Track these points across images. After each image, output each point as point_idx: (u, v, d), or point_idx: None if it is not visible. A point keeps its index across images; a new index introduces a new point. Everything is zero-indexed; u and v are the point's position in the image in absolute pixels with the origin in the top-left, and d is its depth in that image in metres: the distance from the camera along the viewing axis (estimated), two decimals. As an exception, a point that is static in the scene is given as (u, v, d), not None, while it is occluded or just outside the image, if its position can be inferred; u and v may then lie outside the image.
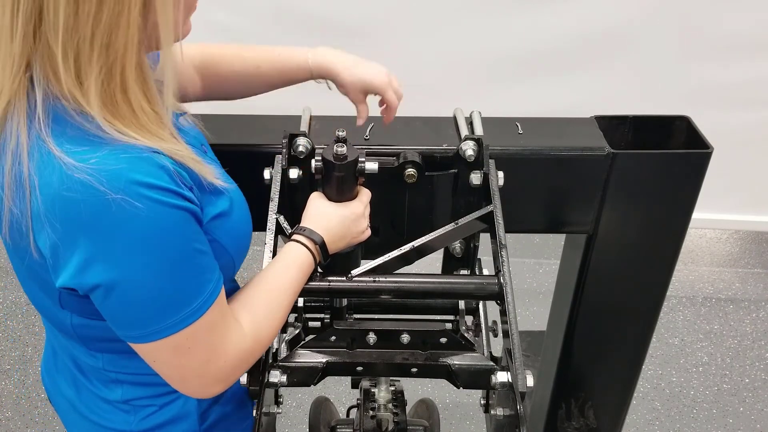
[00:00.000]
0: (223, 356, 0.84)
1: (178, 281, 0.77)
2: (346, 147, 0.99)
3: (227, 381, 0.87)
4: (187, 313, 0.78)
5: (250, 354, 0.87)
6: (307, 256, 0.95)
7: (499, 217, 1.08)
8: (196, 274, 0.79)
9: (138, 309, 0.77)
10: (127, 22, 0.71)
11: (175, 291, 0.77)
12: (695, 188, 1.29)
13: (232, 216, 0.90)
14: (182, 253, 0.77)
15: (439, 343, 1.04)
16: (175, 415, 0.99)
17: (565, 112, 1.37)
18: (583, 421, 1.63)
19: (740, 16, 2.17)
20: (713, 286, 2.77)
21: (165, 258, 0.75)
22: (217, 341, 0.82)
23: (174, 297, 0.77)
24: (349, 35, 2.27)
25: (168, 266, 0.76)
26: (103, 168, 0.71)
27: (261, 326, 0.89)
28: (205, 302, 0.79)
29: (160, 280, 0.76)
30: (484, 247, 1.17)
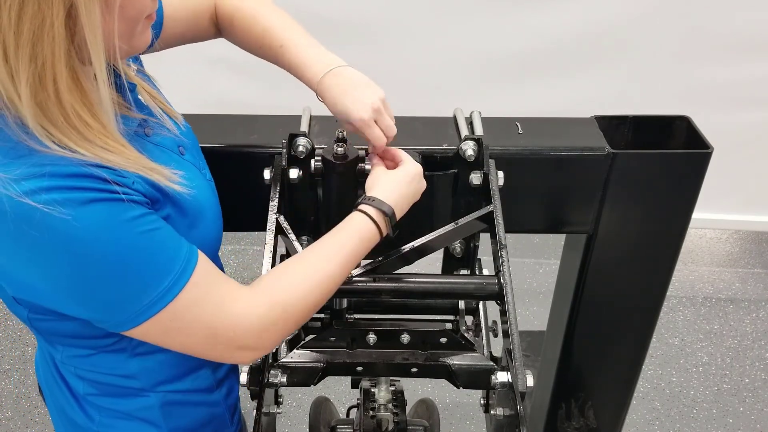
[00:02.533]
0: (231, 326, 0.81)
1: (138, 263, 0.75)
2: (346, 147, 0.99)
3: (257, 347, 0.84)
4: (162, 290, 0.76)
5: (270, 321, 0.83)
6: (370, 228, 0.92)
7: (499, 217, 1.08)
8: (152, 256, 0.76)
9: (105, 298, 0.75)
10: (51, 34, 0.69)
11: (140, 272, 0.75)
12: (695, 188, 1.29)
13: (194, 218, 0.88)
14: (121, 243, 0.74)
15: (439, 343, 1.04)
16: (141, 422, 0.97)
17: (565, 112, 1.37)
18: (583, 421, 1.63)
19: (740, 16, 2.17)
20: (713, 286, 2.77)
21: (99, 256, 0.73)
22: (210, 317, 0.80)
23: (140, 278, 0.75)
24: (349, 35, 2.27)
25: (108, 262, 0.73)
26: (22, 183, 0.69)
27: (287, 292, 0.85)
28: (176, 281, 0.77)
29: (117, 269, 0.74)
30: (484, 247, 1.17)
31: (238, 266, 2.83)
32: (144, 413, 0.97)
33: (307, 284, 0.86)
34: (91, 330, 0.84)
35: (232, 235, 2.96)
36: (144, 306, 0.76)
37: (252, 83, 2.35)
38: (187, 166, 0.93)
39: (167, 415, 0.98)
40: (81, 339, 0.89)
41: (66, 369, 0.96)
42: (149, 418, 0.97)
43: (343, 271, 0.89)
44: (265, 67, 1.15)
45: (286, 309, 0.84)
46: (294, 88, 1.17)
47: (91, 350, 0.91)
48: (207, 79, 2.33)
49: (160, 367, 0.95)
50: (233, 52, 1.22)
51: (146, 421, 0.97)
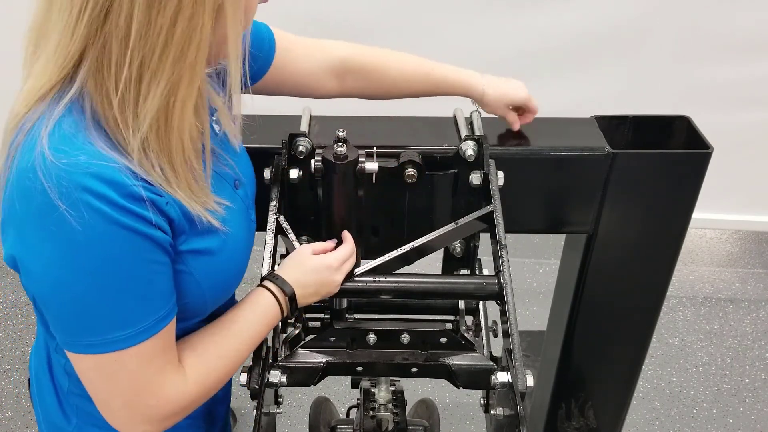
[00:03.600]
0: (156, 395, 0.80)
1: (111, 302, 0.74)
2: (346, 147, 0.99)
3: (160, 425, 0.82)
4: (116, 338, 0.75)
5: (190, 401, 0.83)
6: (274, 306, 0.92)
7: (499, 217, 1.08)
8: (136, 301, 0.75)
9: (66, 314, 0.75)
10: (199, 38, 0.70)
11: (107, 311, 0.74)
12: (695, 188, 1.29)
13: (218, 257, 0.86)
14: (121, 274, 0.73)
15: (439, 343, 1.04)
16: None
17: (565, 112, 1.37)
18: (583, 421, 1.63)
19: (740, 16, 2.17)
20: (713, 286, 2.77)
21: (98, 274, 0.72)
22: (151, 377, 0.79)
23: (104, 317, 0.74)
24: (350, 35, 2.27)
25: (100, 283, 0.73)
26: (65, 168, 0.69)
27: (207, 373, 0.85)
28: (142, 333, 0.76)
29: (91, 295, 0.73)
30: (484, 247, 1.17)
31: (238, 266, 2.83)
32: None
33: (222, 364, 0.87)
34: None
35: (232, 235, 2.96)
36: (100, 341, 0.75)
37: (252, 83, 2.35)
38: (238, 203, 0.91)
39: None
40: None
41: (57, 361, 0.95)
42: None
43: (250, 347, 0.91)
44: (265, 67, 1.15)
45: (205, 388, 0.86)
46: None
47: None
48: (207, 79, 2.33)
49: None
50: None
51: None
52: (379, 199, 1.14)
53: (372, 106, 1.27)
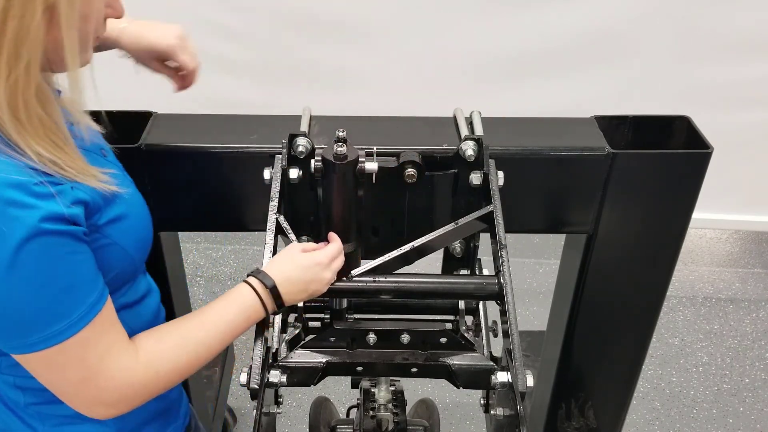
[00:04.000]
0: (104, 378, 0.82)
1: (42, 301, 0.76)
2: (346, 147, 0.99)
3: (115, 406, 0.85)
4: (54, 332, 0.77)
5: (141, 384, 0.85)
6: (253, 300, 0.92)
7: (499, 217, 1.08)
8: (65, 294, 0.78)
9: (2, 321, 0.77)
10: (34, 35, 0.71)
11: (40, 310, 0.76)
12: (695, 188, 1.29)
13: (131, 218, 0.90)
14: (44, 274, 0.76)
15: (439, 343, 1.04)
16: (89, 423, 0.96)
17: (565, 112, 1.37)
18: (583, 421, 1.63)
19: (740, 16, 2.17)
20: (713, 286, 2.77)
21: (23, 278, 0.74)
22: (97, 360, 0.81)
23: (38, 316, 0.77)
24: (349, 35, 2.28)
25: (27, 287, 0.75)
26: None
27: (162, 358, 0.87)
28: (77, 322, 0.79)
29: (22, 299, 0.75)
30: (484, 247, 1.17)
31: (238, 266, 2.83)
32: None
33: (183, 352, 0.88)
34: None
35: (232, 235, 2.96)
36: (40, 338, 0.77)
37: (252, 83, 2.35)
38: (116, 167, 0.95)
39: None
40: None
41: (4, 381, 0.95)
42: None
43: (221, 340, 0.91)
44: (265, 67, 1.15)
45: (159, 374, 0.86)
46: (294, 88, 1.17)
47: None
48: (207, 79, 2.33)
49: None
50: (233, 52, 1.22)
51: (93, 421, 0.96)
52: (379, 199, 1.14)
53: (372, 106, 1.27)
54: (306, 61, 2.31)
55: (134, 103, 1.33)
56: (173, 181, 1.28)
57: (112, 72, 1.02)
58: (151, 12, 2.32)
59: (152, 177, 1.25)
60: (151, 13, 2.05)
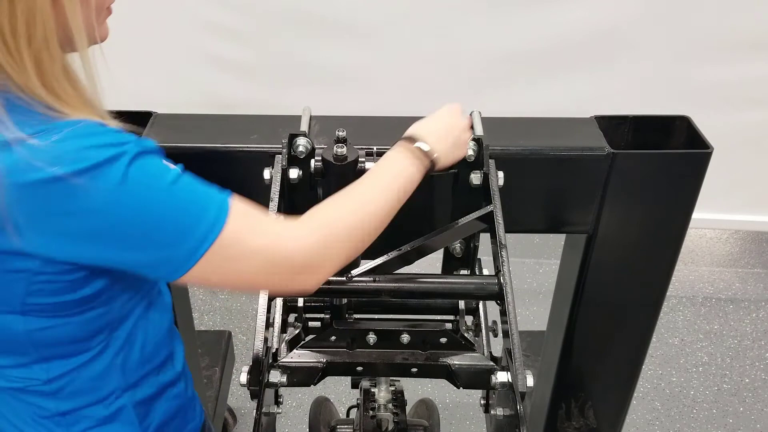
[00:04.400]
0: (284, 248, 0.82)
1: (184, 198, 0.78)
2: (346, 147, 0.99)
3: (314, 270, 0.85)
4: (212, 219, 0.78)
5: (318, 239, 0.84)
6: (407, 152, 0.96)
7: (499, 217, 1.08)
8: (196, 191, 0.80)
9: (162, 238, 0.77)
10: (42, 18, 0.73)
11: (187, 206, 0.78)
12: (695, 188, 1.29)
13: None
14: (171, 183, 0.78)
15: (439, 343, 1.04)
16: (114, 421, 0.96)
17: (565, 112, 1.37)
18: (583, 421, 1.63)
19: (740, 15, 2.17)
20: (713, 286, 2.77)
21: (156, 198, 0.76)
22: (264, 236, 0.82)
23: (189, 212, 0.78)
24: (349, 36, 2.27)
25: (163, 192, 0.77)
26: (63, 144, 0.72)
27: (328, 216, 0.87)
28: (221, 209, 0.80)
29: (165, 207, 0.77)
30: (484, 247, 1.17)
31: (238, 266, 2.82)
32: (120, 415, 0.96)
33: (354, 210, 0.90)
34: (87, 329, 0.86)
35: (232, 235, 2.96)
36: (202, 235, 0.77)
37: (252, 83, 2.35)
38: None
39: (141, 413, 0.98)
40: (74, 344, 0.88)
41: (27, 400, 0.93)
42: (125, 419, 0.97)
43: (383, 198, 0.92)
44: (265, 67, 1.15)
45: (334, 235, 0.86)
46: (294, 88, 1.17)
47: (79, 356, 0.90)
48: (207, 79, 2.33)
49: (128, 367, 0.95)
50: (233, 52, 1.22)
51: (122, 421, 0.96)
52: (379, 199, 1.14)
53: (372, 106, 1.27)
54: (306, 61, 2.31)
55: (134, 103, 1.33)
56: (173, 181, 1.28)
57: (112, 72, 1.02)
58: (152, 12, 2.32)
59: (152, 177, 1.25)
60: (152, 13, 2.06)
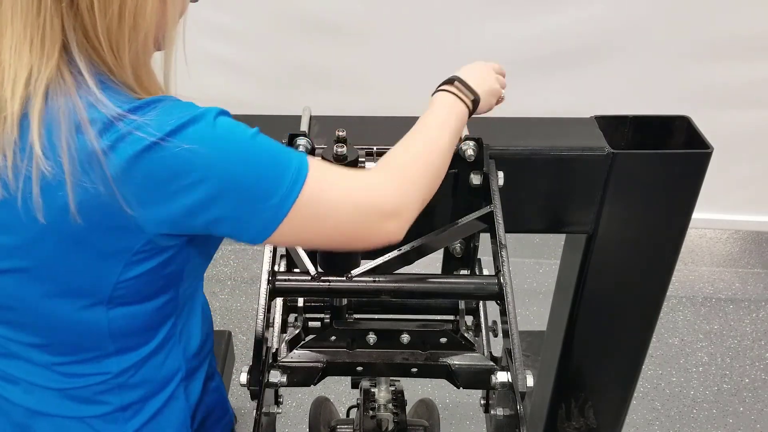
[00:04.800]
0: (369, 192, 0.84)
1: (266, 151, 0.80)
2: (346, 147, 0.99)
3: (401, 212, 0.87)
4: (295, 169, 0.79)
5: (397, 183, 0.87)
6: (451, 99, 1.00)
7: (499, 217, 1.08)
8: (275, 144, 0.82)
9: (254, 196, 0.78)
10: (152, 7, 0.77)
11: (270, 159, 0.80)
12: (695, 188, 1.29)
13: None
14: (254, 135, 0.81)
15: (439, 343, 1.04)
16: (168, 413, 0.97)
17: (565, 112, 1.37)
18: (583, 421, 1.63)
19: (741, 16, 2.17)
20: (713, 286, 2.77)
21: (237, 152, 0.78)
22: (348, 183, 0.84)
23: (272, 164, 0.79)
24: (349, 35, 2.27)
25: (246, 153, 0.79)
26: (162, 117, 0.74)
27: (399, 161, 0.90)
28: (302, 161, 0.81)
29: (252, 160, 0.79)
30: (484, 247, 1.17)
31: (238, 266, 2.83)
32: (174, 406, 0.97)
33: (419, 151, 0.93)
34: (159, 315, 0.88)
35: (232, 235, 2.96)
36: (287, 187, 0.79)
37: (252, 83, 2.35)
38: None
39: (192, 404, 0.99)
40: (148, 332, 0.89)
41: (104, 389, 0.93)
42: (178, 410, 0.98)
43: (442, 137, 0.96)
44: (265, 67, 1.15)
45: (413, 176, 0.89)
46: (294, 88, 1.17)
47: (147, 345, 0.91)
48: (207, 79, 2.33)
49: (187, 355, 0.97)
50: (233, 52, 1.22)
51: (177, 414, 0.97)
52: (379, 199, 1.14)
53: (372, 106, 1.27)
54: (306, 62, 2.31)
55: (134, 103, 1.33)
56: (173, 181, 1.28)
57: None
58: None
59: (152, 177, 1.25)
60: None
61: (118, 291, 0.83)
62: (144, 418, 0.95)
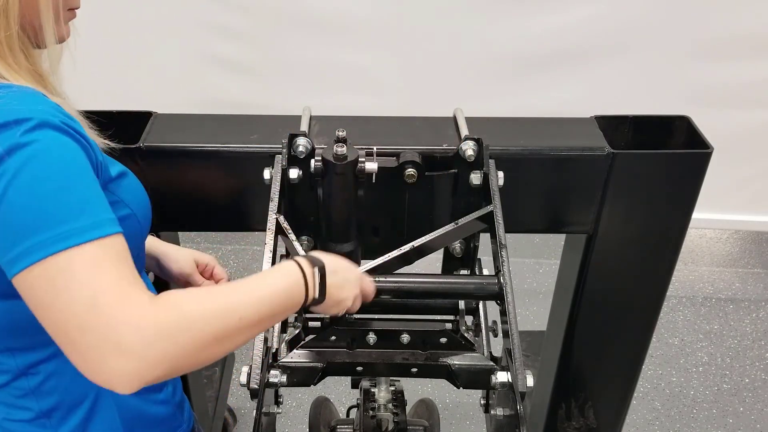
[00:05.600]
0: (119, 306, 0.68)
1: (56, 200, 0.71)
2: (346, 147, 0.99)
3: (135, 353, 0.68)
4: (59, 234, 0.69)
5: (165, 325, 0.69)
6: (296, 274, 0.82)
7: (499, 217, 1.08)
8: (78, 196, 0.72)
9: (12, 222, 0.70)
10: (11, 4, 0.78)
11: (52, 206, 0.71)
12: (695, 188, 1.29)
13: (129, 177, 0.93)
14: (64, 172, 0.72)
15: (439, 343, 1.04)
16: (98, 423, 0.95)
17: (565, 112, 1.37)
18: (583, 421, 1.63)
19: (740, 15, 2.17)
20: (713, 286, 2.77)
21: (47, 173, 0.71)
22: (105, 287, 0.69)
23: (49, 212, 0.70)
24: (349, 36, 2.28)
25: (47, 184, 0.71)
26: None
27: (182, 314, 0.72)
28: (87, 230, 0.70)
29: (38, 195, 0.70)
30: (484, 247, 1.17)
31: (238, 266, 2.83)
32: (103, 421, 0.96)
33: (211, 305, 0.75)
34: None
35: (232, 235, 2.96)
36: (44, 240, 0.69)
37: (252, 83, 2.35)
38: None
39: (125, 421, 0.98)
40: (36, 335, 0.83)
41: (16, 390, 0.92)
42: (110, 425, 0.97)
43: (254, 316, 0.77)
44: (266, 67, 1.15)
45: (177, 337, 0.70)
46: (294, 88, 1.17)
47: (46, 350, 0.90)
48: (207, 79, 2.33)
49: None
50: (233, 52, 1.22)
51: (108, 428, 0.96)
52: (379, 199, 1.14)
53: (372, 106, 1.27)
54: (306, 61, 2.31)
55: (134, 103, 1.33)
56: (173, 181, 1.28)
57: (112, 72, 1.03)
58: (154, 11, 2.32)
59: (152, 177, 1.25)
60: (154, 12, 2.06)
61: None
62: (71, 426, 0.95)
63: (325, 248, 1.10)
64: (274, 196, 1.08)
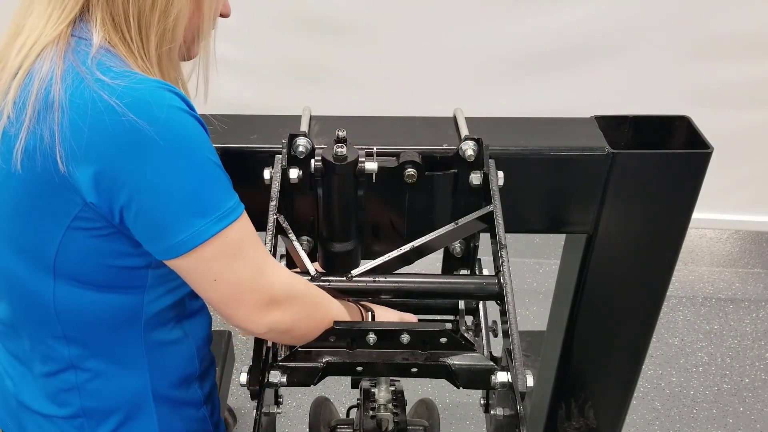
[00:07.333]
0: (275, 274, 0.88)
1: (209, 183, 0.81)
2: (346, 147, 0.99)
3: (279, 309, 0.88)
4: (226, 211, 0.81)
5: (301, 293, 0.92)
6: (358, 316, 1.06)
7: (499, 217, 1.08)
8: (223, 181, 0.83)
9: (178, 211, 0.79)
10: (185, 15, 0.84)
11: (209, 191, 0.81)
12: (695, 188, 1.29)
13: None
14: (207, 160, 0.81)
15: (439, 343, 1.04)
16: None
17: (565, 112, 1.37)
18: (583, 421, 1.63)
19: (740, 15, 2.17)
20: (713, 286, 2.77)
21: (195, 163, 0.79)
22: (263, 255, 0.87)
23: (209, 197, 0.81)
24: (349, 35, 2.27)
25: (198, 170, 0.80)
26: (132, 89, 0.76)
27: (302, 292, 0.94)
28: (237, 207, 0.83)
29: (194, 183, 0.79)
30: (484, 247, 1.17)
31: (238, 266, 2.82)
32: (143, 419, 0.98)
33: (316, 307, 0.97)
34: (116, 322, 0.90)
35: (232, 235, 2.96)
36: (214, 219, 0.80)
37: (252, 83, 2.35)
38: None
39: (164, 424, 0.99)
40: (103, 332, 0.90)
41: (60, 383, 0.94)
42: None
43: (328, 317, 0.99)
44: (266, 68, 1.15)
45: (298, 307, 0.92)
46: (294, 88, 1.17)
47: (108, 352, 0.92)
48: (207, 79, 2.33)
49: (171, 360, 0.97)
50: (233, 52, 1.22)
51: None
52: (379, 199, 1.14)
53: (372, 106, 1.27)
54: (306, 61, 2.31)
55: (134, 103, 1.33)
56: (173, 181, 1.28)
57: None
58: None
59: (152, 177, 1.25)
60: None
61: (61, 259, 0.83)
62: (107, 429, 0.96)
63: (325, 248, 1.10)
64: (274, 196, 1.07)
